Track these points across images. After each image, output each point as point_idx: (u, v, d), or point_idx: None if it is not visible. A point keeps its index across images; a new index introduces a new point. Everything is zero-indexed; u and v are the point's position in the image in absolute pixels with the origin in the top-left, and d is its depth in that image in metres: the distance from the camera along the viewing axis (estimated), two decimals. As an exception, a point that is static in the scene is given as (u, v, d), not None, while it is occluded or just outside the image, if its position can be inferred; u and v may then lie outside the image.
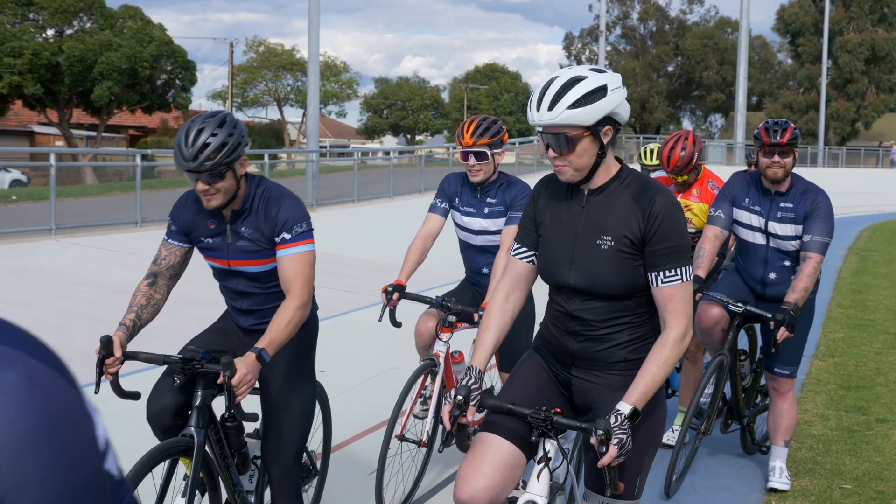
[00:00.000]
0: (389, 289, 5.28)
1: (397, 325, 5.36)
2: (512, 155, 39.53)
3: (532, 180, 4.32)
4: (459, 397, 3.15)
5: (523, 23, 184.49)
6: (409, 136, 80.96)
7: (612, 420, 2.93)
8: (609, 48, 73.77)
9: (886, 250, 19.91)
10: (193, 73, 51.25)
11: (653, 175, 6.66)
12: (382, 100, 79.00)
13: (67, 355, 3.72)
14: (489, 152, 5.08)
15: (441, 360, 5.19)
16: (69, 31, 46.72)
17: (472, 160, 5.07)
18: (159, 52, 47.51)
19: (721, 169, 38.00)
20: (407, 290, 5.31)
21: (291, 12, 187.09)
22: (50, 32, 46.78)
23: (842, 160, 53.24)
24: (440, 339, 5.27)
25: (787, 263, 5.38)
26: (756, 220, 5.39)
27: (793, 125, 5.31)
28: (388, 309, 5.31)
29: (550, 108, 2.99)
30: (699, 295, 5.35)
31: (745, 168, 10.87)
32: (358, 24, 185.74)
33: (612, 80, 3.04)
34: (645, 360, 3.05)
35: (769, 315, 5.15)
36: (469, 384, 3.19)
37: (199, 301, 9.54)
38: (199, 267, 4.40)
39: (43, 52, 44.29)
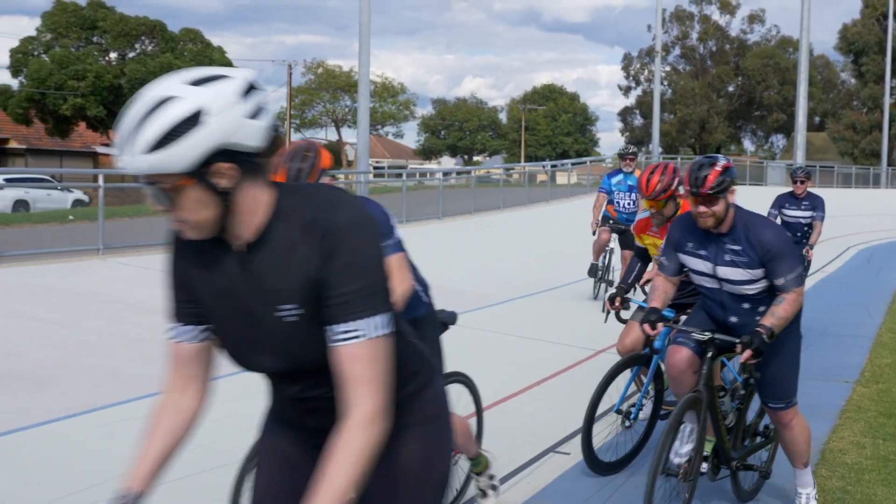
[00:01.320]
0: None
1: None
2: (568, 175, 39.31)
3: (583, 201, 4.24)
4: None
5: (584, 43, 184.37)
6: (466, 157, 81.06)
7: None
8: (668, 68, 73.32)
9: (946, 273, 19.38)
10: (252, 95, 51.96)
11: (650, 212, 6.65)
12: (440, 120, 79.25)
13: (98, 374, 3.74)
14: None
15: None
16: (131, 55, 47.75)
17: None
18: (219, 74, 48.27)
19: (780, 190, 37.43)
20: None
21: (353, 34, 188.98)
22: (113, 55, 47.84)
23: (906, 181, 52.23)
24: None
25: (746, 306, 4.91)
26: (704, 266, 4.91)
27: (719, 168, 4.68)
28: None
29: (128, 149, 2.08)
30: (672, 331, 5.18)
31: (787, 188, 10.73)
32: (419, 46, 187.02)
33: (218, 94, 2.09)
34: (327, 459, 2.16)
35: (737, 339, 4.72)
36: None
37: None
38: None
39: (105, 74, 45.29)
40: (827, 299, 14.70)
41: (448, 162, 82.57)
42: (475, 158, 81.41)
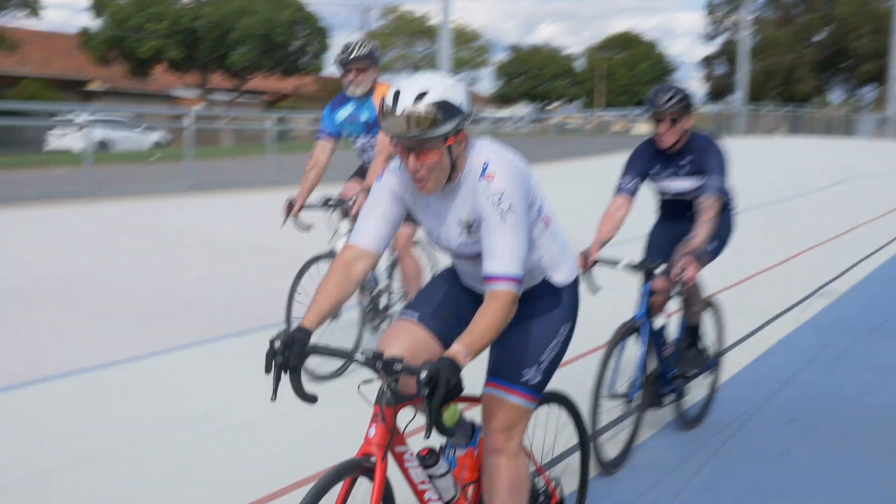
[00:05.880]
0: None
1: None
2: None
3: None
4: None
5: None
6: (542, 104, 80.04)
7: None
8: (754, 16, 71.22)
9: None
10: (326, 40, 51.52)
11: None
12: (516, 66, 78.29)
13: (201, 309, 3.38)
14: None
15: None
16: (207, -2, 47.52)
17: None
18: (293, 18, 47.86)
19: (869, 143, 35.65)
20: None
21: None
22: (189, -1, 47.69)
23: None
24: None
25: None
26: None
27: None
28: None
29: None
30: None
31: None
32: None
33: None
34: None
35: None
36: None
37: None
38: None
39: (182, 17, 45.13)
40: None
41: (524, 109, 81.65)
42: (551, 106, 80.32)
